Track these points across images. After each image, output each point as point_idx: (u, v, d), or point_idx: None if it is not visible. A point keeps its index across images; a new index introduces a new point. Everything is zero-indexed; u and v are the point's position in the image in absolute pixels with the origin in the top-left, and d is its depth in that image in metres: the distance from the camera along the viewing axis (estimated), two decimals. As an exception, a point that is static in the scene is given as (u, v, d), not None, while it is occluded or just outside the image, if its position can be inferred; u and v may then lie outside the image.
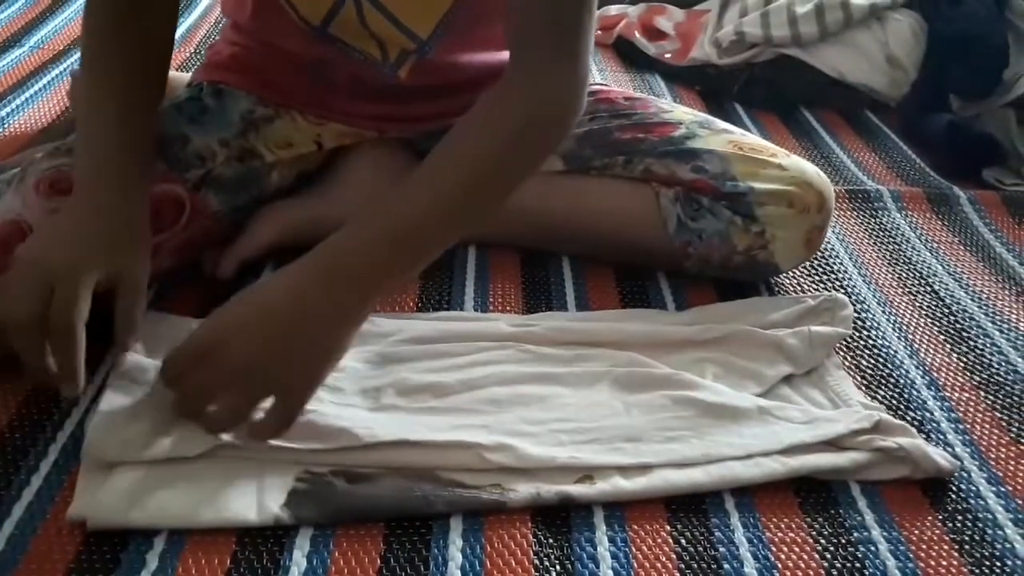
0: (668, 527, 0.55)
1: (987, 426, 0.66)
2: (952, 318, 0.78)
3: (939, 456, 0.59)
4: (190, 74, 0.92)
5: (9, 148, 0.93)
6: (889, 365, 0.71)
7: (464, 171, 0.59)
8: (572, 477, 0.56)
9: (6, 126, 0.98)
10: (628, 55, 1.33)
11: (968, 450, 0.63)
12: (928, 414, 0.66)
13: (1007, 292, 0.82)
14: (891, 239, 0.90)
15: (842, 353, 0.72)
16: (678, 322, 0.72)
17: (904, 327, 0.76)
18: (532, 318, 0.72)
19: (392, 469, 0.55)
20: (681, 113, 0.82)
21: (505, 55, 0.67)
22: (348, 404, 0.59)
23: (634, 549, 0.53)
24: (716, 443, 0.58)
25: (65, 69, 1.12)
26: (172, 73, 1.00)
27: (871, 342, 0.74)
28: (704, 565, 0.53)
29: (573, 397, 0.62)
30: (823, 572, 0.53)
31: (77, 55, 1.17)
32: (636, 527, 0.55)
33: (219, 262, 0.74)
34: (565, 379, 0.64)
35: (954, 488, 0.60)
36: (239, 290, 0.72)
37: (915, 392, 0.68)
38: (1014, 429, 0.65)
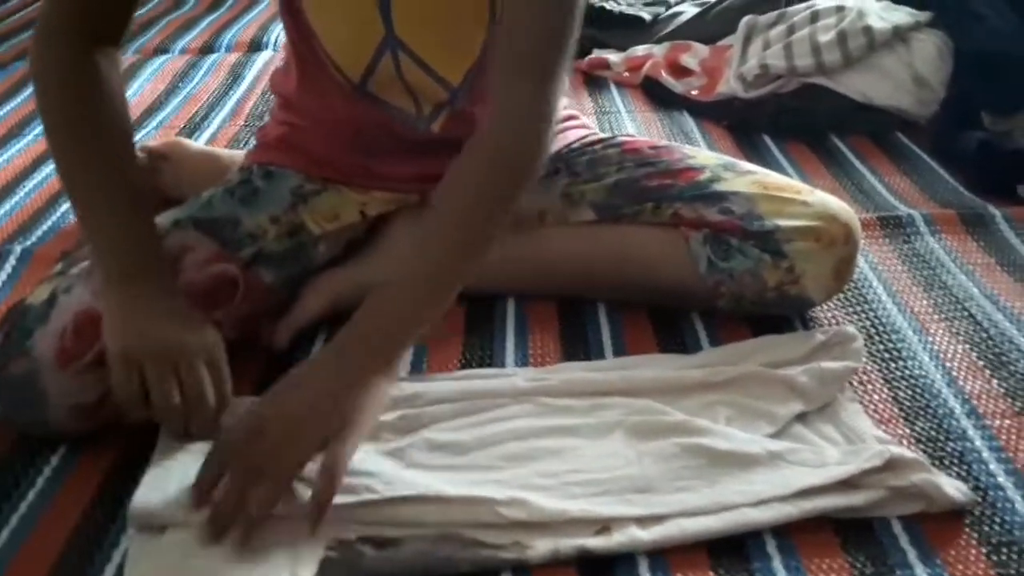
0: (711, 573, 0.57)
1: (1030, 453, 0.66)
2: (991, 342, 0.78)
3: (953, 489, 0.60)
4: (242, 152, 0.98)
5: (78, 234, 0.99)
6: (927, 395, 0.72)
7: (451, 236, 0.65)
8: (590, 529, 0.58)
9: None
10: (656, 94, 1.36)
11: (1012, 479, 0.63)
12: (968, 444, 0.67)
13: (1047, 312, 0.82)
14: (925, 264, 0.91)
15: (879, 385, 0.73)
16: (690, 365, 0.74)
17: (941, 355, 0.77)
18: (547, 371, 0.75)
19: (415, 527, 0.58)
20: (705, 158, 0.85)
21: None
22: (370, 465, 0.62)
23: (679, 595, 0.55)
24: (726, 491, 0.60)
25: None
26: (225, 151, 1.07)
27: (908, 372, 0.75)
28: (748, 608, 0.54)
29: (587, 448, 0.64)
30: (867, 611, 0.54)
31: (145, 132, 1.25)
32: (680, 574, 0.56)
33: (274, 334, 0.78)
34: (580, 430, 0.66)
35: (998, 520, 0.60)
36: (295, 359, 0.78)
37: (954, 422, 0.69)
38: (1058, 455, 0.66)
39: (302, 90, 0.82)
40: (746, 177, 0.81)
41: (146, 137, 1.25)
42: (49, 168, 1.16)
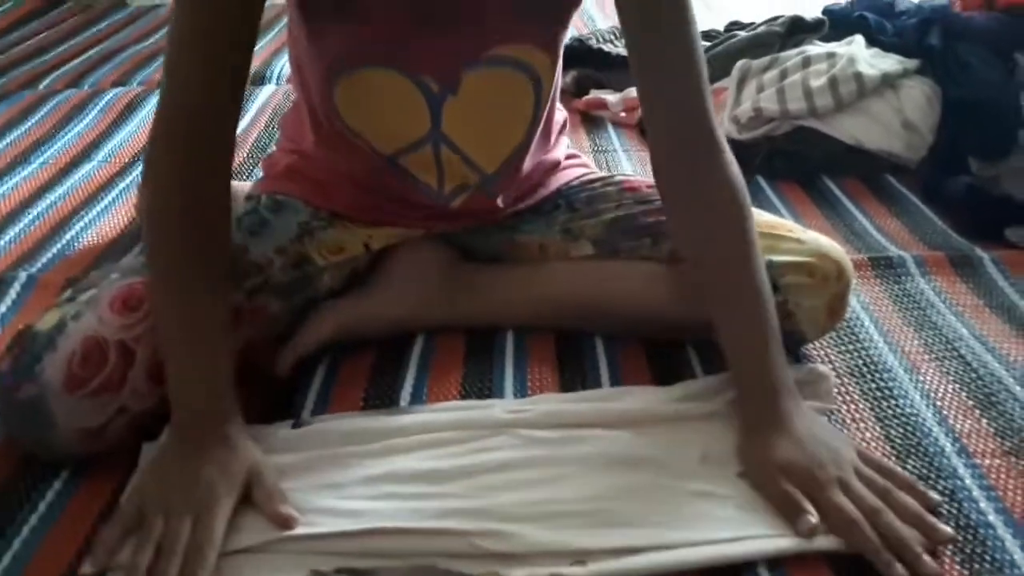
0: (706, 604, 0.57)
1: (1019, 492, 0.67)
2: (980, 383, 0.80)
3: None
4: (248, 183, 1.00)
5: (83, 261, 1.01)
6: (918, 433, 0.73)
7: (753, 268, 0.72)
8: (566, 560, 0.59)
9: (80, 241, 1.06)
10: (652, 133, 1.39)
11: (1001, 517, 0.64)
12: (959, 482, 0.68)
13: (1034, 353, 0.84)
14: (916, 305, 0.93)
15: (871, 423, 0.74)
16: (667, 399, 0.75)
17: (932, 394, 0.78)
18: (526, 402, 0.76)
19: (391, 559, 0.59)
20: (700, 198, 0.87)
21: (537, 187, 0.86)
22: (346, 497, 0.63)
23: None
24: (703, 529, 0.61)
25: (131, 182, 1.21)
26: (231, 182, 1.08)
27: (899, 410, 0.76)
28: (743, 641, 0.55)
29: (564, 480, 0.65)
30: (860, 645, 0.55)
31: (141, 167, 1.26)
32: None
33: (276, 360, 0.79)
34: (556, 462, 0.67)
35: (988, 558, 0.61)
36: (297, 385, 0.78)
37: (945, 460, 0.70)
38: (1046, 494, 0.67)
39: (319, 147, 0.83)
40: (740, 215, 0.83)
41: (151, 166, 1.26)
42: (54, 196, 1.18)
